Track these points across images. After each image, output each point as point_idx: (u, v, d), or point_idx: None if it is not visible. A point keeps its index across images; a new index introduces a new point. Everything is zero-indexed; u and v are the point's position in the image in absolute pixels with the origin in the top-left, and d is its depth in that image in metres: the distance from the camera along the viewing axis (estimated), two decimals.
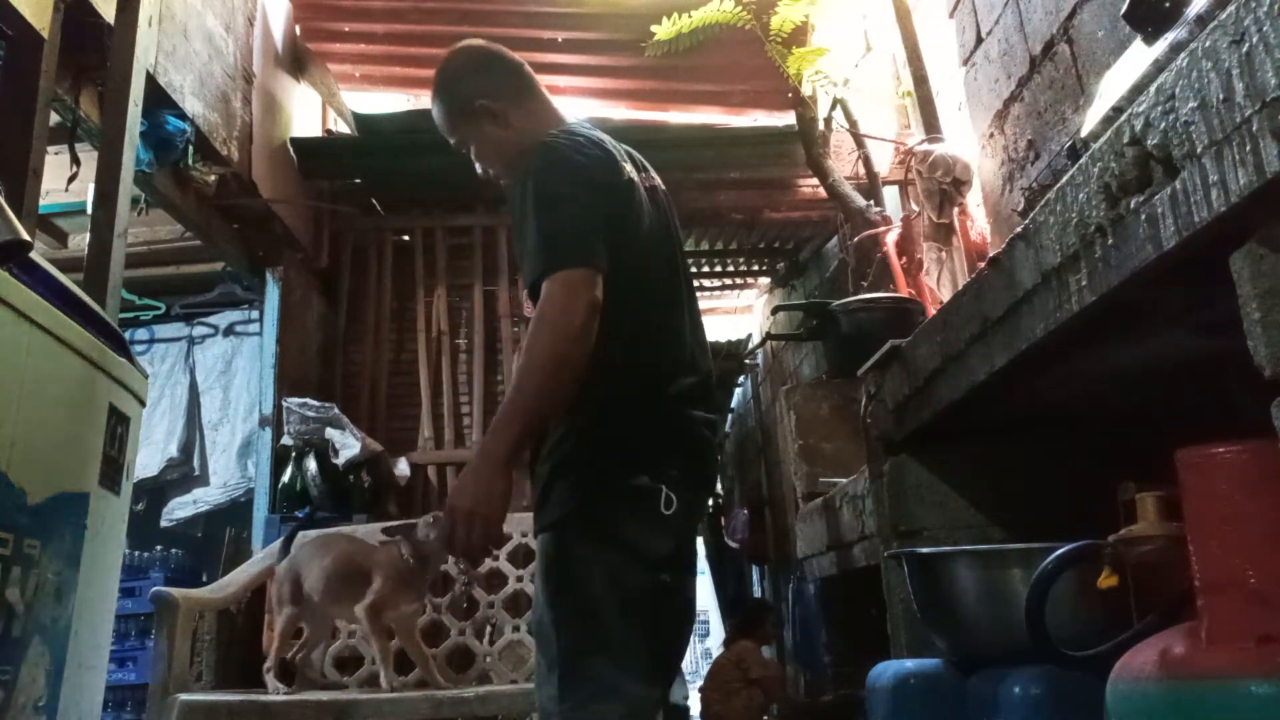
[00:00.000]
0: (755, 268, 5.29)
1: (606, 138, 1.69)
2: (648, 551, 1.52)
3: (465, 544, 1.44)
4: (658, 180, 1.77)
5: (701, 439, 1.61)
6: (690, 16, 3.49)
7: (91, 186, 2.43)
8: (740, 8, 3.45)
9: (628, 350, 1.54)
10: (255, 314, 4.57)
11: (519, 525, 3.03)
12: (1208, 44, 0.74)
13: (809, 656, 3.40)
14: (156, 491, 4.76)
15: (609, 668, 1.47)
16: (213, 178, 3.26)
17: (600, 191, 1.56)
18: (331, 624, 2.82)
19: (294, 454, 3.54)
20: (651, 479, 1.51)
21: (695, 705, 4.63)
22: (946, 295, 3.07)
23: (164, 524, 4.72)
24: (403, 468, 3.77)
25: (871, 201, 3.51)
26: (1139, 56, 1.43)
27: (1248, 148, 0.70)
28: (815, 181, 3.77)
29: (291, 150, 3.92)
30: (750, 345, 5.36)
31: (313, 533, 2.92)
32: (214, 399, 4.82)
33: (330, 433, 3.52)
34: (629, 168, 1.65)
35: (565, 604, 1.51)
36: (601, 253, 1.50)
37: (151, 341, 4.92)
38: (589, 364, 1.45)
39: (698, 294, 1.85)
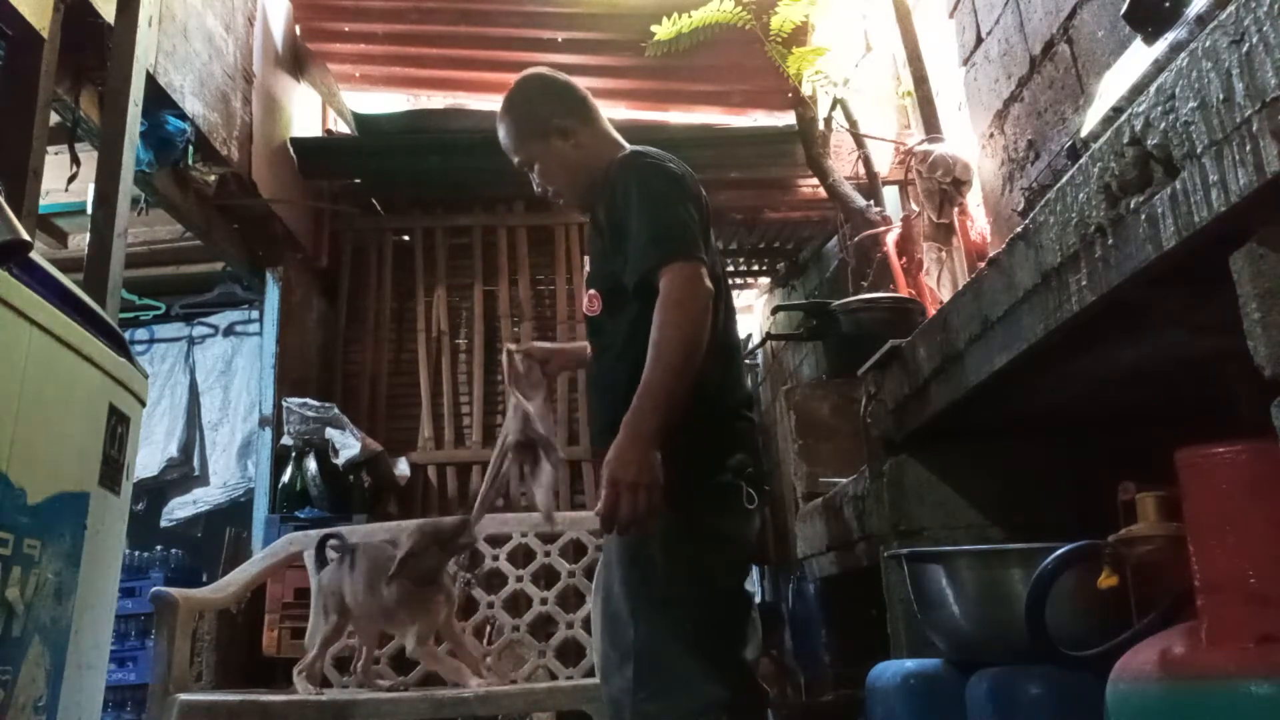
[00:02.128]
0: (755, 268, 5.29)
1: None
2: (732, 548, 1.62)
3: (632, 515, 1.48)
4: None
5: (757, 442, 1.76)
6: (690, 16, 3.49)
7: (91, 186, 2.43)
8: (740, 8, 3.45)
9: (705, 356, 1.60)
10: (255, 314, 4.57)
11: (518, 526, 3.04)
12: (1208, 44, 0.74)
13: (809, 656, 3.39)
14: (156, 491, 4.76)
15: (685, 661, 1.51)
16: (213, 178, 3.26)
17: (692, 200, 1.68)
18: (379, 630, 2.79)
19: (294, 454, 3.54)
20: (733, 476, 1.61)
21: None
22: (946, 295, 3.07)
23: (164, 524, 4.72)
24: (403, 468, 3.77)
25: (871, 201, 3.51)
26: (1139, 56, 1.43)
27: (1248, 148, 0.70)
28: (815, 181, 3.77)
29: (291, 150, 3.92)
30: (750, 345, 5.36)
31: (351, 533, 2.87)
32: (214, 399, 4.82)
33: (330, 433, 3.52)
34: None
35: (646, 594, 1.56)
36: (704, 251, 1.61)
37: (151, 341, 4.92)
38: None
39: None
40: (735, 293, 5.98)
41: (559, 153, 1.79)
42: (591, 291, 1.76)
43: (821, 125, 3.62)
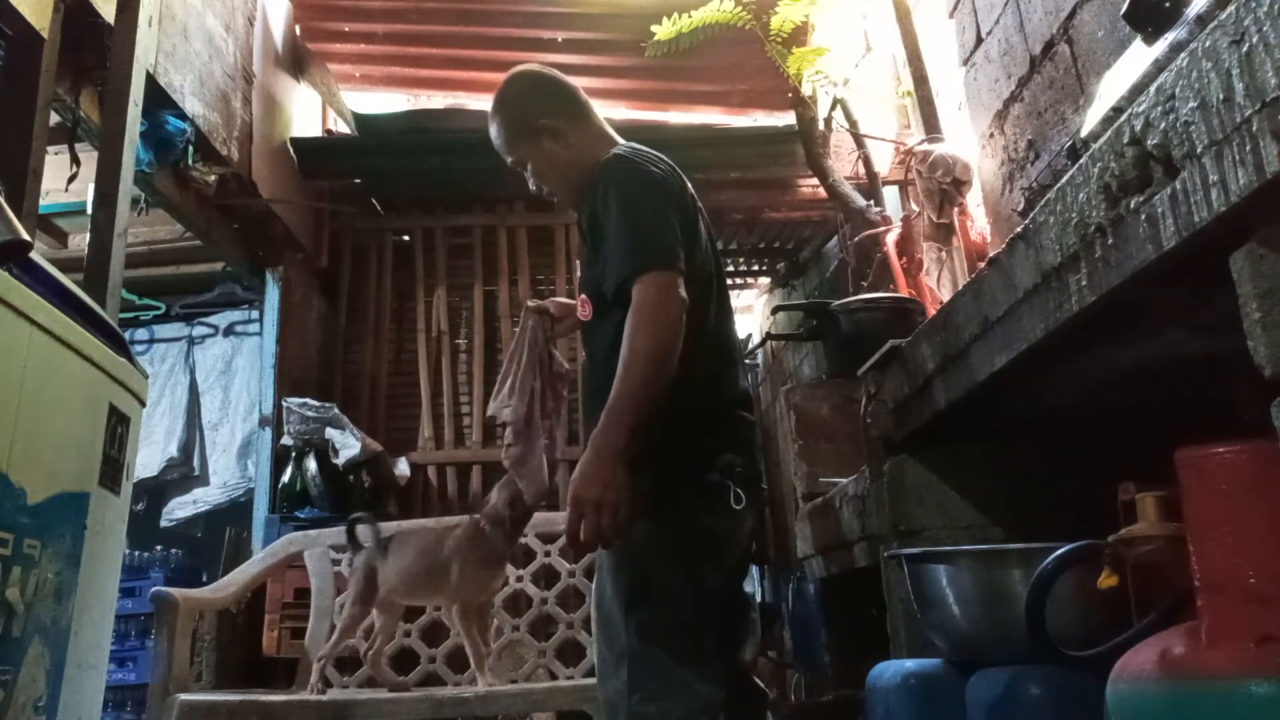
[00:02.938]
0: (755, 268, 5.29)
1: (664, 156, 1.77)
2: (723, 547, 1.60)
3: (597, 532, 1.47)
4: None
5: (753, 441, 1.73)
6: (690, 17, 3.49)
7: (91, 186, 2.43)
8: (740, 8, 3.45)
9: (696, 356, 1.59)
10: (255, 314, 4.57)
11: None
12: (1208, 44, 0.74)
13: (809, 656, 3.39)
14: (156, 491, 4.76)
15: (679, 662, 1.51)
16: (213, 178, 3.26)
17: (675, 202, 1.65)
18: (399, 619, 2.80)
19: (294, 454, 3.54)
20: (721, 475, 1.59)
21: None
22: (946, 295, 3.07)
23: (164, 524, 4.72)
24: (403, 468, 3.77)
25: (871, 201, 3.51)
26: (1139, 56, 1.43)
27: (1248, 148, 0.70)
28: (815, 181, 3.77)
29: (291, 150, 3.92)
30: (750, 345, 5.36)
31: (389, 526, 2.88)
32: (214, 399, 4.82)
33: (330, 433, 3.52)
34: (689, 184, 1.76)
35: (637, 596, 1.55)
36: (683, 258, 1.59)
37: (151, 341, 4.92)
38: None
39: None
40: (735, 293, 6.00)
41: (550, 153, 1.77)
42: (583, 296, 1.75)
43: (821, 125, 3.62)
